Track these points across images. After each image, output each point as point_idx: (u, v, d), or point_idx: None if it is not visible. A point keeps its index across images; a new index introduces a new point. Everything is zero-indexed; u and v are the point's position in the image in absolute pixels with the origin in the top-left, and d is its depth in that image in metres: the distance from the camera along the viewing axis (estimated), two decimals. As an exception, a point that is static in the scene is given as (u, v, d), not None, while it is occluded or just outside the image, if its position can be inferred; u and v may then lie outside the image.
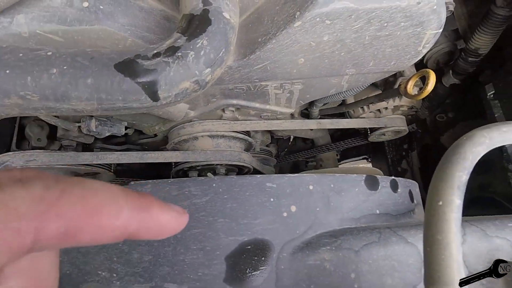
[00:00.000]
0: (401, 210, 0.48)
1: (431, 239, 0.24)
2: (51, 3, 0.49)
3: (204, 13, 0.45)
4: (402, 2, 0.50)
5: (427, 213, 0.26)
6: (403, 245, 0.36)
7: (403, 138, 1.43)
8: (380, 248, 0.36)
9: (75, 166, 0.82)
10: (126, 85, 0.41)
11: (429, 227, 0.25)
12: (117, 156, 0.81)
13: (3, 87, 0.38)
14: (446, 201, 0.26)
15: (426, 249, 0.24)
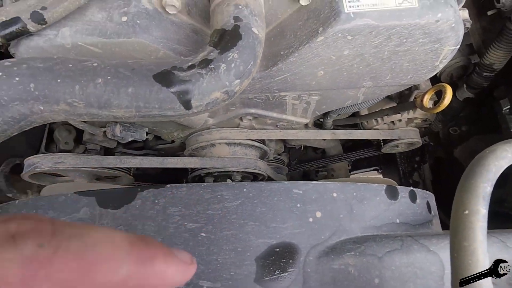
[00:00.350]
0: (419, 220, 0.49)
1: (458, 245, 0.26)
2: (93, 18, 0.53)
3: (235, 29, 0.48)
4: (421, 20, 0.52)
5: (453, 222, 0.28)
6: (425, 253, 0.38)
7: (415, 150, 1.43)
8: (402, 255, 0.37)
9: (99, 169, 0.86)
10: (163, 94, 0.44)
11: (455, 234, 0.27)
12: (139, 160, 0.84)
13: (54, 95, 0.41)
14: (472, 210, 0.27)
15: (453, 255, 0.26)
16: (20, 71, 0.41)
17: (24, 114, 0.42)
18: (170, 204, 0.39)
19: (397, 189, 0.48)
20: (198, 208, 0.39)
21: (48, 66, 0.42)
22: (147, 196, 0.40)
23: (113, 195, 0.41)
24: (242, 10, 0.49)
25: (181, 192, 0.40)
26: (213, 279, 0.35)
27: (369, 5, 0.52)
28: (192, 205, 0.39)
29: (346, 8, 0.52)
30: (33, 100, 0.41)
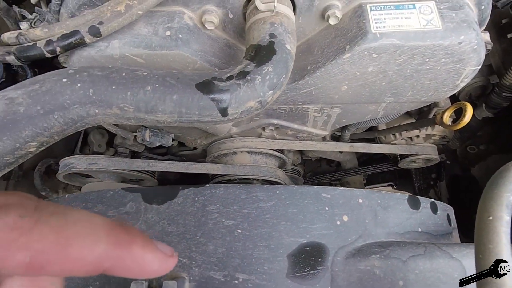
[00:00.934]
0: (440, 231, 0.51)
1: (483, 247, 0.28)
2: (140, 32, 0.58)
3: (270, 45, 0.52)
4: (444, 41, 0.56)
5: (477, 227, 0.30)
6: (447, 260, 0.39)
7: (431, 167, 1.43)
8: (426, 260, 0.39)
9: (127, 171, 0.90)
10: (203, 102, 0.48)
11: (480, 238, 0.29)
12: (165, 165, 0.88)
13: (109, 100, 0.46)
14: (496, 216, 0.30)
15: (478, 256, 0.28)
16: (82, 78, 0.46)
17: (82, 116, 0.46)
18: (209, 202, 0.43)
19: (419, 199, 0.50)
20: (234, 207, 0.42)
21: (105, 74, 0.47)
22: (188, 194, 0.44)
23: (157, 192, 0.45)
24: (277, 27, 0.53)
25: (219, 192, 0.43)
26: (248, 272, 0.37)
27: (395, 26, 0.56)
28: (229, 204, 0.42)
29: (373, 28, 0.56)
30: (91, 104, 0.46)
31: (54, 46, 0.55)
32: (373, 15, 0.56)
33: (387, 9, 0.56)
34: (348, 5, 0.58)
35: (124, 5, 0.51)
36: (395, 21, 0.57)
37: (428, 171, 1.50)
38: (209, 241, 0.40)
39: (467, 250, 0.41)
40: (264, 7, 0.54)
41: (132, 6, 0.51)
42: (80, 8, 0.59)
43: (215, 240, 0.40)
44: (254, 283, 0.37)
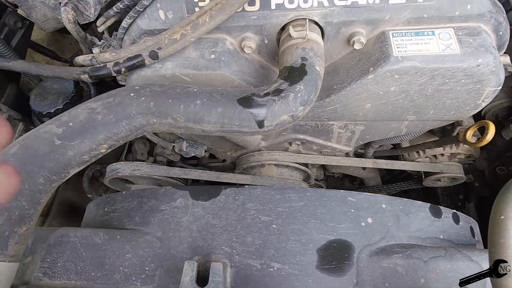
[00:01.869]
0: (463, 241, 0.53)
1: (495, 242, 0.32)
2: (189, 55, 0.68)
3: (302, 66, 0.60)
4: (463, 64, 0.60)
5: (490, 225, 0.34)
6: (467, 262, 0.42)
7: (459, 188, 1.41)
8: (446, 262, 0.42)
9: (164, 178, 0.99)
10: (243, 114, 0.56)
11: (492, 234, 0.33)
12: (199, 173, 0.96)
13: (165, 111, 0.55)
14: (506, 216, 0.34)
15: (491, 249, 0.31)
16: (145, 93, 0.55)
17: (143, 124, 0.55)
18: (248, 200, 0.49)
19: (441, 209, 0.54)
20: (270, 205, 0.48)
21: (163, 90, 0.56)
22: (229, 193, 0.51)
23: (203, 190, 0.52)
24: (308, 52, 0.61)
25: (256, 192, 0.50)
26: (282, 262, 0.42)
27: (415, 51, 0.62)
28: (265, 202, 0.48)
29: (395, 52, 0.62)
30: (151, 114, 0.55)
31: (120, 67, 0.66)
32: (395, 41, 0.63)
33: (408, 35, 0.62)
34: (372, 32, 0.65)
35: (180, 34, 0.61)
36: (415, 46, 0.62)
37: (455, 192, 1.48)
38: (248, 234, 0.45)
39: (486, 254, 0.43)
40: (296, 35, 0.62)
41: (186, 34, 0.61)
42: (141, 36, 0.70)
43: (253, 233, 0.45)
44: (287, 272, 0.42)
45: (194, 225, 0.48)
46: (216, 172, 0.98)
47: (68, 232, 0.50)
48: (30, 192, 0.46)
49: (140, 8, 0.65)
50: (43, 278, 0.46)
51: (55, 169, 0.48)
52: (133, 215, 0.53)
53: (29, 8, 0.71)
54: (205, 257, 0.44)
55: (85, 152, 0.51)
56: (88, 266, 0.46)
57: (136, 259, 0.46)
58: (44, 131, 0.49)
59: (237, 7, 0.58)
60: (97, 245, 0.48)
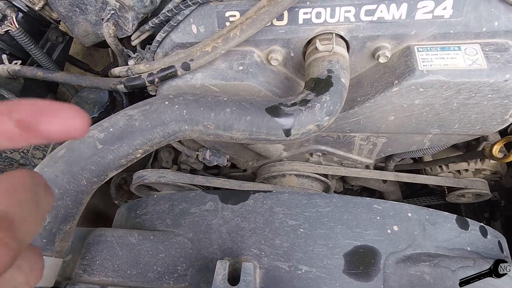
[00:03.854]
0: (491, 255, 0.52)
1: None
2: (219, 66, 0.72)
3: (328, 78, 0.62)
4: (490, 79, 0.61)
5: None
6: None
7: (484, 205, 1.37)
8: (475, 271, 0.41)
9: (188, 185, 1.02)
10: (271, 123, 0.58)
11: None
12: (222, 181, 0.98)
13: (197, 118, 0.58)
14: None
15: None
16: (179, 101, 0.58)
17: (175, 131, 0.58)
18: (275, 204, 0.51)
19: (468, 221, 0.53)
20: (297, 210, 0.49)
21: (195, 98, 0.59)
22: (258, 197, 0.52)
23: (232, 195, 0.54)
24: (334, 64, 0.63)
25: (284, 197, 0.51)
26: (309, 265, 0.43)
27: (441, 65, 0.63)
28: (293, 207, 0.49)
29: (420, 66, 0.63)
30: (183, 122, 0.58)
31: (154, 77, 0.70)
32: (420, 55, 0.64)
33: (433, 50, 0.64)
34: (397, 47, 0.67)
35: (211, 46, 0.65)
36: (441, 61, 0.63)
37: (480, 210, 1.43)
38: (276, 237, 0.47)
39: (516, 267, 0.42)
40: (323, 48, 0.64)
41: (217, 47, 0.65)
42: (173, 49, 0.74)
43: (281, 236, 0.46)
44: (315, 275, 0.43)
45: (223, 227, 0.50)
46: (238, 181, 1.00)
47: (105, 232, 0.53)
48: (74, 193, 0.49)
49: (174, 23, 0.70)
50: (83, 274, 0.49)
51: (96, 171, 0.52)
52: (165, 217, 0.56)
53: (72, 24, 0.78)
54: (234, 258, 0.45)
55: (123, 156, 0.54)
56: (124, 264, 0.49)
57: (169, 259, 0.48)
58: (88, 135, 0.52)
59: (267, 22, 0.62)
60: (132, 245, 0.50)
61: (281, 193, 0.52)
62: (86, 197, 0.51)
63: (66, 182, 0.48)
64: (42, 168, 0.48)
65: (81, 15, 0.73)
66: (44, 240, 0.44)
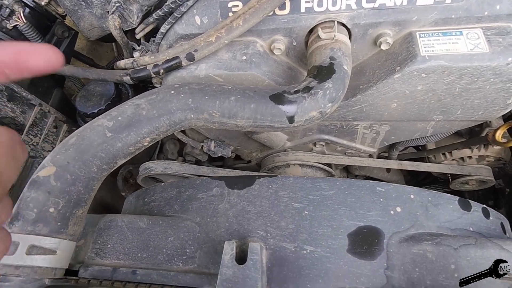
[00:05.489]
0: (493, 235, 0.52)
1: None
2: (222, 57, 0.73)
3: (331, 65, 0.62)
4: (492, 63, 0.61)
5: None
6: (498, 251, 0.42)
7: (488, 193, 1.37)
8: (477, 249, 0.42)
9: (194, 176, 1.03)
10: (275, 110, 0.59)
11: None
12: (227, 172, 1.00)
13: (202, 107, 0.59)
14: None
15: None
16: (184, 90, 0.60)
17: (181, 119, 0.60)
18: (281, 188, 0.52)
19: (470, 202, 0.54)
20: (302, 193, 0.50)
21: (200, 87, 0.60)
22: (263, 182, 0.54)
23: (238, 180, 0.55)
24: (336, 52, 0.64)
25: (289, 181, 0.53)
26: (314, 245, 0.45)
27: (443, 50, 0.63)
28: (298, 190, 0.51)
29: (422, 52, 0.64)
30: (189, 110, 0.59)
31: (159, 68, 0.71)
32: (422, 41, 0.64)
33: (435, 35, 0.64)
34: (399, 33, 0.67)
35: (215, 37, 0.66)
36: (443, 46, 0.64)
37: (484, 198, 1.44)
38: (281, 219, 0.48)
39: (518, 244, 0.43)
40: (325, 36, 0.65)
41: (221, 37, 0.66)
42: (177, 41, 0.75)
43: (286, 219, 0.48)
44: (319, 254, 0.44)
45: (230, 211, 0.51)
46: (243, 172, 1.01)
47: (116, 217, 0.55)
48: (86, 179, 0.51)
49: (178, 15, 0.70)
50: (95, 258, 0.51)
51: (106, 159, 0.54)
52: (173, 203, 0.57)
53: (78, 18, 0.79)
54: (242, 240, 0.47)
55: (131, 144, 0.56)
56: (135, 248, 0.51)
57: (178, 242, 0.50)
58: (97, 124, 0.54)
59: (270, 11, 0.62)
60: (141, 229, 0.52)
61: (286, 177, 0.53)
62: (96, 184, 0.53)
63: (78, 169, 0.49)
64: (55, 156, 0.49)
65: (86, 8, 0.74)
66: (59, 223, 0.46)
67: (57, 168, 0.48)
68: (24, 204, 0.45)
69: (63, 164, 0.49)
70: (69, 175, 0.49)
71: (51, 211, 0.46)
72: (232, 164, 1.28)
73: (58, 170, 0.48)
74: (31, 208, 0.45)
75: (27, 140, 0.82)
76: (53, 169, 0.48)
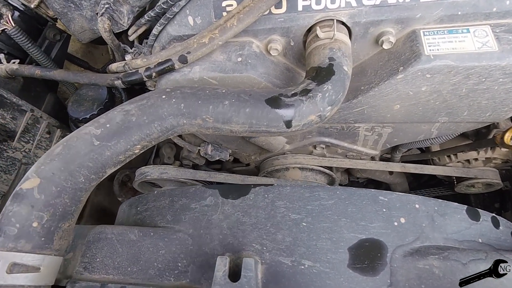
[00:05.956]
0: (504, 246, 0.49)
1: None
2: (217, 58, 0.70)
3: (330, 66, 0.59)
4: (501, 62, 0.58)
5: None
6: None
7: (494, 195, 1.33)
8: (487, 265, 0.39)
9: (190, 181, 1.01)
10: (271, 115, 0.56)
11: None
12: (224, 176, 0.97)
13: (195, 112, 0.56)
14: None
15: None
16: (176, 95, 0.57)
17: (173, 125, 0.57)
18: (277, 198, 0.49)
19: (479, 211, 0.51)
20: (299, 203, 0.47)
21: (193, 91, 0.58)
22: (259, 191, 0.51)
23: (232, 189, 0.52)
24: (335, 52, 0.61)
25: (286, 190, 0.50)
26: (313, 259, 0.42)
27: (449, 49, 0.60)
28: (295, 200, 0.48)
29: (426, 51, 0.60)
30: (181, 116, 0.56)
31: (151, 72, 0.68)
32: (427, 39, 0.61)
33: (440, 33, 0.61)
34: (402, 32, 0.64)
35: (208, 38, 0.63)
36: (449, 44, 0.61)
37: (490, 200, 1.40)
38: (278, 231, 0.45)
39: (532, 260, 0.40)
40: (324, 35, 0.62)
41: (214, 38, 0.63)
42: (170, 42, 0.72)
43: (283, 231, 0.45)
44: (318, 270, 0.41)
45: (224, 222, 0.48)
46: (241, 176, 0.98)
47: (105, 229, 0.52)
48: (72, 190, 0.48)
49: (170, 15, 0.68)
50: (84, 272, 0.48)
51: (94, 168, 0.51)
52: (165, 213, 0.55)
53: (68, 20, 0.76)
54: (236, 254, 0.44)
55: (121, 152, 0.53)
56: (125, 262, 0.48)
57: (169, 255, 0.47)
58: (84, 132, 0.51)
59: (265, 10, 0.59)
60: (132, 242, 0.50)
61: (283, 186, 0.50)
62: (84, 195, 0.50)
63: (64, 180, 0.47)
64: (39, 167, 0.47)
65: (76, 11, 0.71)
66: (43, 238, 0.43)
67: (42, 180, 0.46)
68: (6, 219, 0.43)
69: (47, 175, 0.46)
70: (54, 187, 0.46)
71: (35, 225, 0.43)
72: (231, 167, 1.26)
73: (43, 181, 0.46)
74: (13, 223, 0.43)
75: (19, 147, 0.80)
76: (37, 181, 0.45)
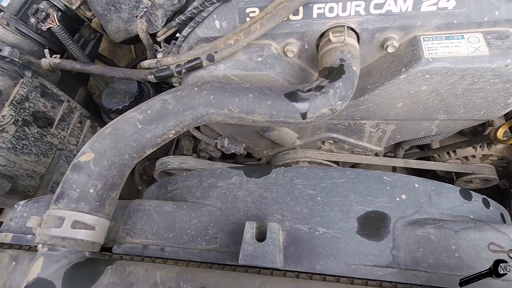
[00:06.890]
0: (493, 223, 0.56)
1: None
2: (240, 58, 0.78)
3: (341, 67, 0.67)
4: (492, 64, 0.65)
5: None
6: (496, 233, 0.46)
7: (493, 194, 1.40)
8: (476, 232, 0.46)
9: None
10: (289, 107, 0.64)
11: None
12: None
13: (222, 103, 0.64)
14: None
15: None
16: (206, 88, 0.65)
17: (203, 114, 0.65)
18: (295, 177, 0.57)
19: (470, 192, 0.58)
20: (315, 181, 0.55)
21: (221, 85, 0.66)
22: (279, 171, 0.59)
23: (255, 169, 0.60)
24: (346, 54, 0.69)
25: (303, 170, 0.58)
26: (326, 227, 0.49)
27: (445, 53, 0.68)
28: (311, 178, 0.56)
29: (426, 55, 0.68)
30: (210, 106, 0.65)
31: (181, 68, 0.77)
32: (426, 44, 0.69)
33: (438, 39, 0.69)
34: (404, 37, 0.72)
35: (234, 39, 0.72)
36: (445, 49, 0.69)
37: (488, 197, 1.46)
38: (296, 204, 0.53)
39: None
40: (335, 40, 0.70)
41: (239, 40, 0.71)
42: (198, 43, 0.81)
43: (301, 204, 0.53)
44: (331, 235, 0.49)
45: (249, 197, 0.56)
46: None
47: (143, 202, 0.60)
48: (119, 165, 0.56)
49: (199, 19, 0.77)
50: (126, 237, 0.56)
51: (137, 148, 0.59)
52: (194, 191, 0.63)
53: (106, 21, 0.86)
54: (260, 223, 0.52)
55: (159, 135, 0.62)
56: (162, 229, 0.56)
57: (201, 224, 0.55)
58: (130, 116, 0.60)
59: (285, 16, 0.68)
60: (167, 212, 0.57)
61: (300, 167, 0.58)
62: (128, 170, 0.59)
63: (113, 156, 0.55)
64: (93, 144, 0.55)
65: (115, 13, 0.80)
66: (97, 203, 0.51)
67: (96, 154, 0.54)
68: (68, 185, 0.51)
69: (100, 151, 0.55)
70: (106, 161, 0.54)
71: (91, 191, 0.52)
72: (243, 162, 1.33)
73: (97, 156, 0.54)
74: (74, 188, 0.51)
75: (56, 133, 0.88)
76: (92, 155, 0.54)
